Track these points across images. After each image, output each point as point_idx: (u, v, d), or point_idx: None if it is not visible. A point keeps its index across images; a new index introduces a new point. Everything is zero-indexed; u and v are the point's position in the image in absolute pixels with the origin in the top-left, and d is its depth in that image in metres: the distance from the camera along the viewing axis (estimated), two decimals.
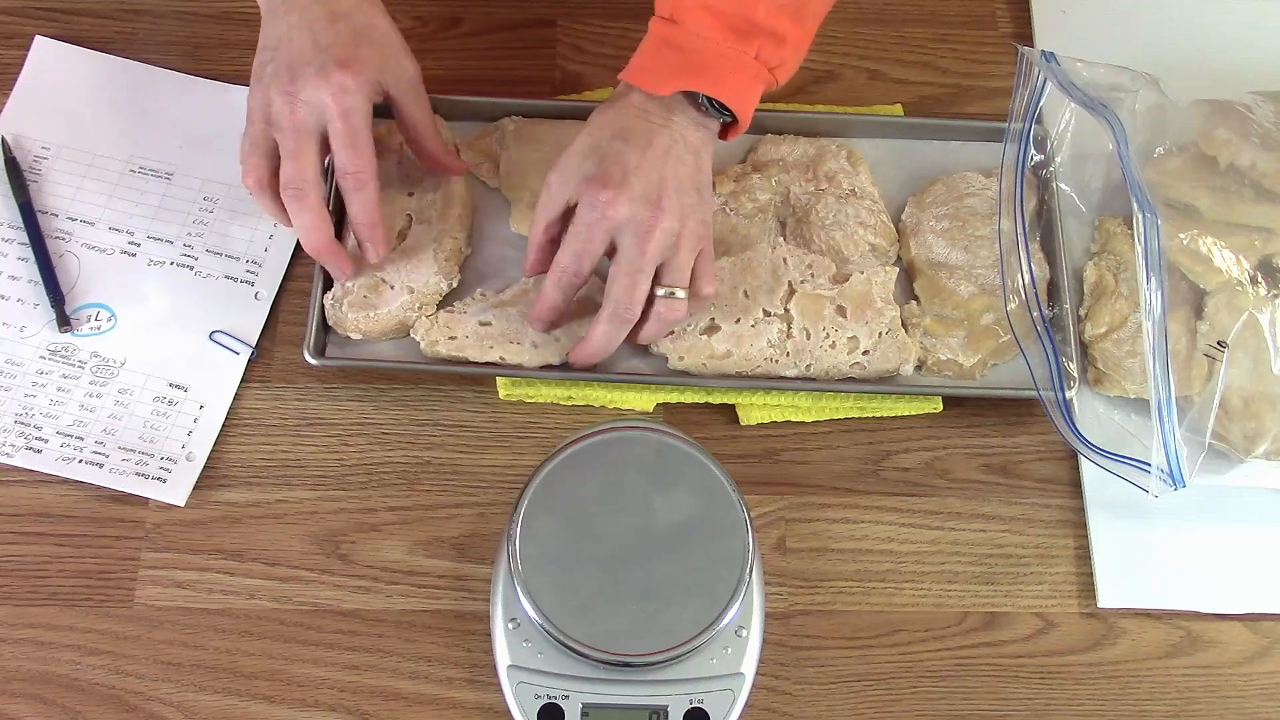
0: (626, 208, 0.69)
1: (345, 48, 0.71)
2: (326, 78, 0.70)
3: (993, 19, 0.95)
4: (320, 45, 0.71)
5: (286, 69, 0.71)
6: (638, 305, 0.72)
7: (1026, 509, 0.79)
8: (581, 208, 0.70)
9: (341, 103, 0.71)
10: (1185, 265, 0.79)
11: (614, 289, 0.71)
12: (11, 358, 0.79)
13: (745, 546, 0.67)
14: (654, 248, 0.70)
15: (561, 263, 0.72)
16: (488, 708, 0.72)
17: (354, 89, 0.71)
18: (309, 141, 0.72)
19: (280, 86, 0.71)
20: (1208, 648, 0.75)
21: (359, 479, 0.78)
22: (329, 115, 0.71)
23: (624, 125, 0.71)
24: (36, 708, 0.71)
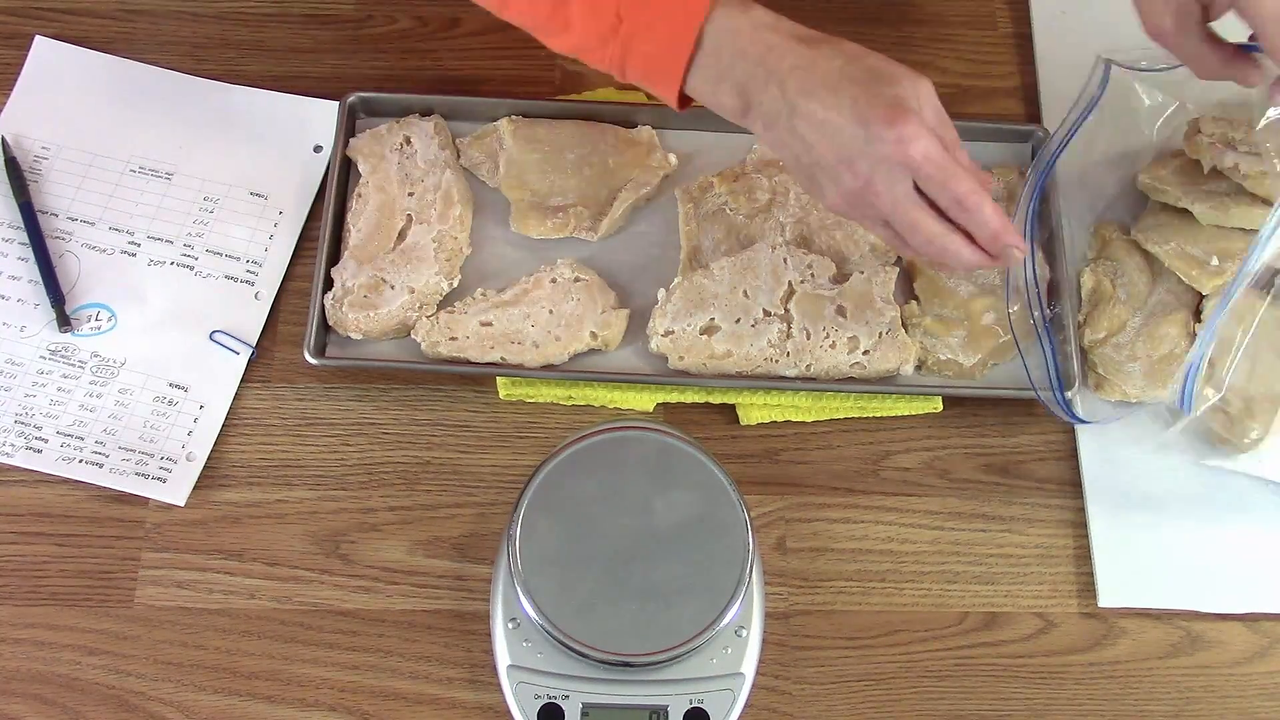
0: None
1: (880, 105, 0.64)
2: (878, 150, 0.64)
3: (993, 19, 0.95)
4: (860, 115, 0.65)
5: (843, 165, 0.66)
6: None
7: (1026, 509, 0.79)
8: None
9: (909, 156, 0.64)
10: (1181, 269, 0.79)
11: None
12: (11, 358, 0.79)
13: (745, 546, 0.67)
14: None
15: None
16: (488, 708, 0.72)
17: (911, 135, 0.64)
18: (912, 204, 0.66)
19: (841, 172, 0.66)
20: (1208, 648, 0.75)
21: (359, 479, 0.78)
22: (910, 170, 0.65)
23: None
24: (36, 708, 0.71)
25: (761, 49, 0.66)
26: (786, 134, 0.67)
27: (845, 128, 0.65)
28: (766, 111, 0.67)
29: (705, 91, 0.69)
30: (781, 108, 0.66)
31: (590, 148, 0.85)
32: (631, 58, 0.69)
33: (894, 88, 0.64)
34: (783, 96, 0.66)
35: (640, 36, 0.68)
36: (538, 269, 0.81)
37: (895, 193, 0.66)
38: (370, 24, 0.92)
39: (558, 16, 0.69)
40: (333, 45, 0.91)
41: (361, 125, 0.86)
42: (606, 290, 0.80)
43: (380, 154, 0.84)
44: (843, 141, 0.65)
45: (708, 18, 0.66)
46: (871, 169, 0.65)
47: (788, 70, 0.66)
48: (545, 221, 0.82)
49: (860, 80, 0.65)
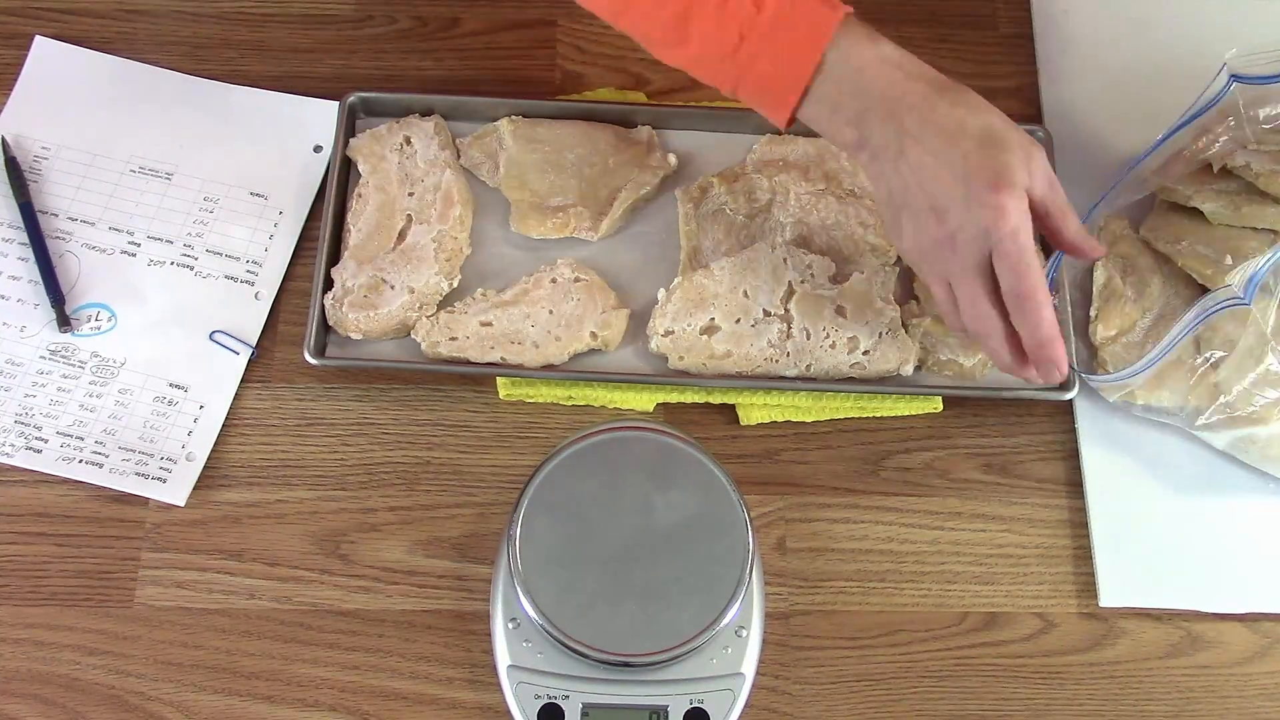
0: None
1: (989, 168, 0.64)
2: (972, 213, 0.65)
3: (993, 19, 0.95)
4: (966, 172, 0.65)
5: (933, 214, 0.66)
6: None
7: (1026, 509, 0.79)
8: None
9: (999, 227, 0.64)
10: (1195, 269, 0.79)
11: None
12: (11, 358, 0.79)
13: (745, 546, 0.67)
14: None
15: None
16: (488, 708, 0.72)
17: (1010, 208, 0.64)
18: (980, 275, 0.67)
19: (928, 219, 0.67)
20: (1208, 648, 0.75)
21: (359, 479, 0.78)
22: (994, 241, 0.65)
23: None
24: (36, 708, 0.71)
25: (885, 85, 0.66)
26: (890, 169, 0.67)
27: (947, 178, 0.65)
28: (877, 145, 0.67)
29: (818, 118, 0.69)
30: (892, 144, 0.66)
31: (590, 148, 0.85)
32: (748, 77, 0.68)
33: (1008, 154, 0.65)
34: (897, 133, 0.66)
35: (762, 58, 0.67)
36: (538, 269, 0.81)
37: (970, 257, 0.66)
38: (370, 24, 0.92)
39: (677, 29, 0.68)
40: (333, 45, 0.91)
41: (361, 125, 0.86)
42: (606, 290, 0.80)
43: (380, 154, 0.84)
44: (941, 190, 0.65)
45: (832, 45, 0.66)
46: (959, 225, 0.66)
47: (907, 109, 0.66)
48: (545, 221, 0.82)
49: (976, 137, 0.65)
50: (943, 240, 0.67)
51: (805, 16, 0.66)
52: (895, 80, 0.66)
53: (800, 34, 0.67)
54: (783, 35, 0.67)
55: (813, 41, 0.66)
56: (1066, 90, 0.90)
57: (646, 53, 0.91)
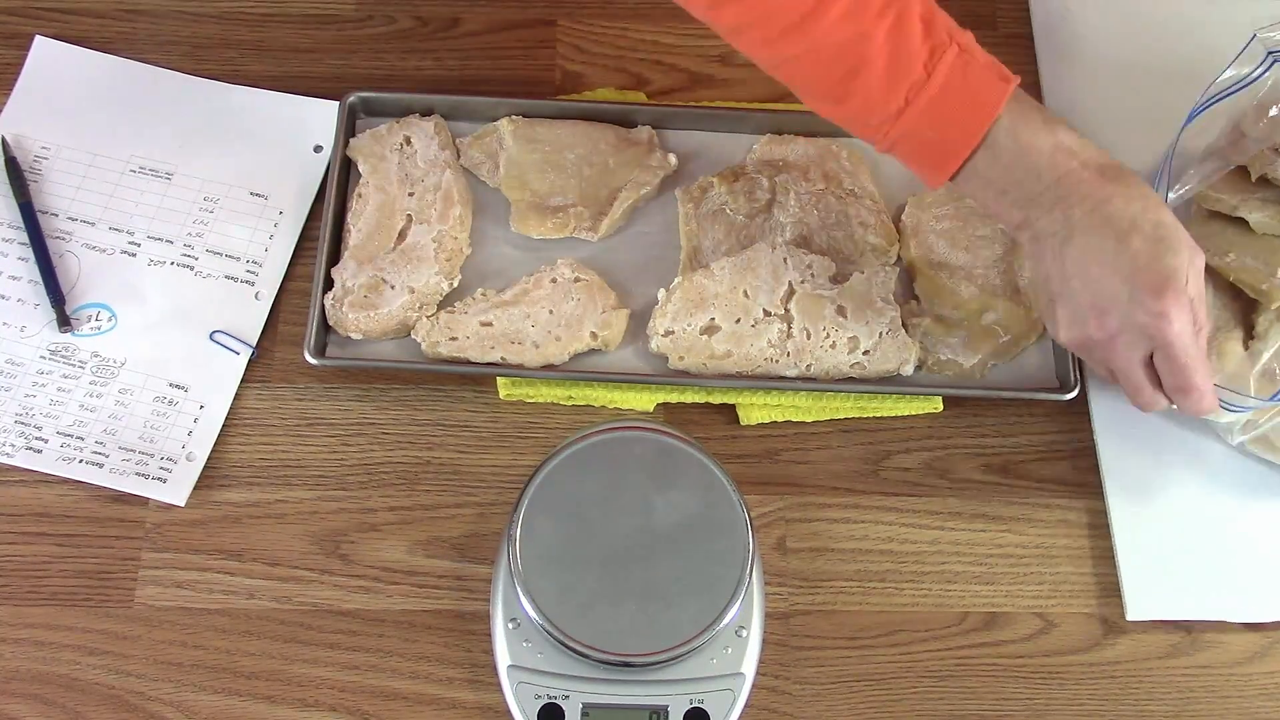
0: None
1: (1155, 272, 0.64)
2: (1137, 317, 0.65)
3: (993, 19, 0.95)
4: (1133, 276, 0.65)
5: (1094, 312, 0.67)
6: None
7: (1026, 509, 0.79)
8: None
9: (1163, 333, 0.65)
10: (1247, 284, 0.78)
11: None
12: (11, 358, 0.79)
13: (745, 546, 0.67)
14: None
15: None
16: (488, 708, 0.72)
17: (1174, 315, 0.64)
18: (1143, 370, 0.69)
19: (1089, 318, 0.67)
20: (1208, 648, 0.75)
21: (359, 479, 0.78)
22: (1158, 345, 0.66)
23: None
24: (36, 708, 0.71)
25: (1060, 173, 0.66)
26: (1051, 257, 0.67)
27: (1113, 280, 0.65)
28: (1041, 230, 0.67)
29: (981, 193, 0.69)
30: (1060, 231, 0.66)
31: (590, 148, 0.85)
32: (907, 141, 0.68)
33: (1176, 258, 0.64)
34: (1065, 223, 0.66)
35: (925, 125, 0.66)
36: (538, 269, 0.81)
37: (1133, 357, 0.67)
38: (370, 24, 0.92)
39: (840, 88, 0.67)
40: (333, 45, 0.91)
41: (361, 125, 0.86)
42: (606, 290, 0.80)
43: (380, 154, 0.84)
44: (1105, 292, 0.65)
45: (1004, 127, 0.66)
46: (1121, 328, 0.66)
47: (1078, 200, 0.66)
48: (545, 221, 0.82)
49: (1146, 236, 0.64)
50: (1103, 340, 0.67)
51: (976, 88, 0.65)
52: (1070, 169, 0.66)
53: (968, 106, 0.66)
54: (950, 104, 0.66)
55: (981, 115, 0.66)
56: (1069, 90, 0.90)
57: (647, 53, 0.92)
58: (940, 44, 0.65)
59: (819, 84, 0.68)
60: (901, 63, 0.65)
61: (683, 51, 0.91)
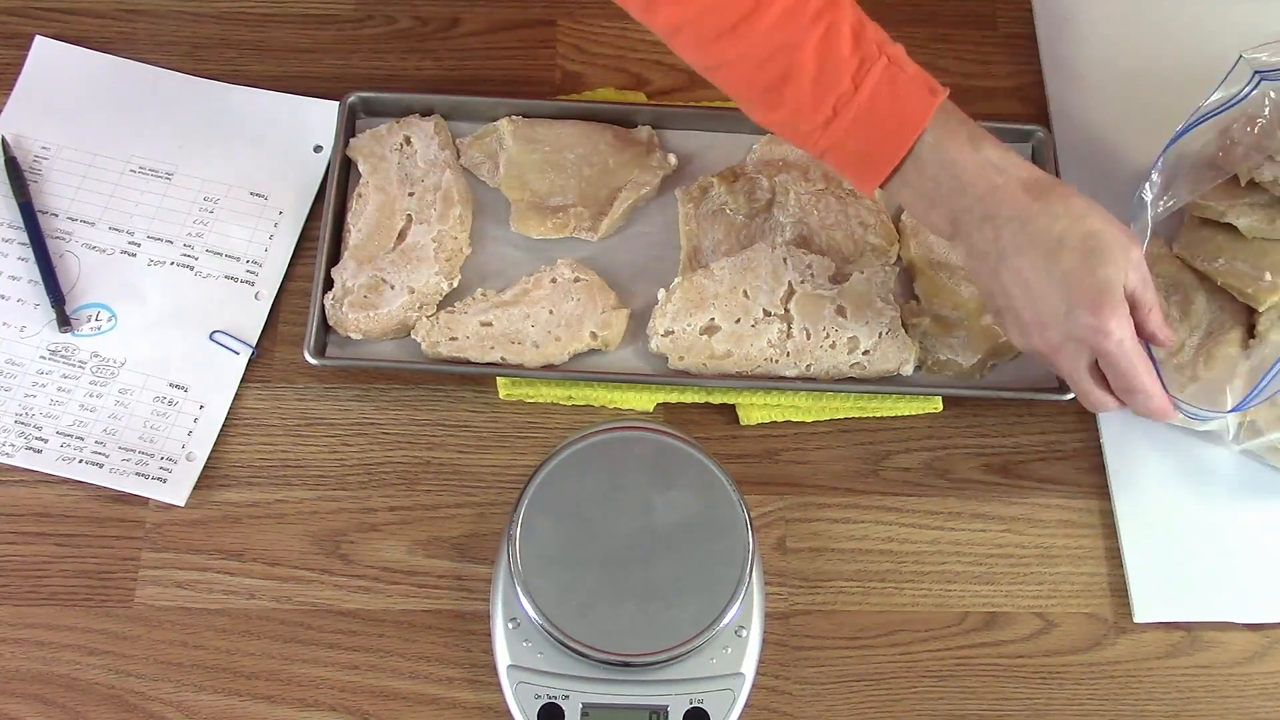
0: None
1: (1090, 287, 0.65)
2: (1074, 331, 0.66)
3: (993, 19, 0.95)
4: (1067, 293, 0.66)
5: (1035, 326, 0.68)
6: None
7: (1026, 509, 0.79)
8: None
9: (1102, 346, 0.66)
10: (1235, 288, 0.78)
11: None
12: (11, 358, 0.79)
13: (745, 546, 0.67)
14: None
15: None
16: (488, 708, 0.72)
17: (1111, 329, 0.65)
18: (1089, 377, 0.69)
19: (1032, 331, 0.68)
20: (1208, 648, 0.75)
21: (359, 479, 0.78)
22: (1099, 355, 0.68)
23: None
24: (36, 708, 0.71)
25: (985, 188, 0.66)
26: (988, 276, 0.68)
27: (1049, 297, 0.66)
28: (974, 247, 0.68)
29: (911, 203, 0.70)
30: (991, 250, 0.67)
31: (590, 148, 0.85)
32: (836, 151, 0.69)
33: (1108, 268, 0.65)
34: (996, 241, 0.66)
35: (853, 136, 0.67)
36: (538, 269, 0.81)
37: (1078, 366, 0.68)
38: (370, 24, 0.92)
39: (772, 94, 0.68)
40: (333, 45, 0.91)
41: (361, 125, 0.86)
42: (606, 290, 0.80)
43: (380, 154, 0.84)
44: (1043, 308, 0.66)
45: (929, 142, 0.66)
46: (1062, 341, 0.67)
47: (1005, 219, 0.66)
48: (545, 221, 0.82)
49: (1077, 250, 0.65)
50: (1046, 352, 0.69)
51: (902, 101, 0.66)
52: (996, 185, 0.66)
53: (894, 120, 0.67)
54: (877, 117, 0.67)
55: (906, 130, 0.66)
56: (1072, 91, 0.90)
57: (647, 53, 0.92)
58: (869, 56, 0.66)
59: (751, 89, 0.69)
60: (829, 73, 0.66)
61: None
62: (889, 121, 0.67)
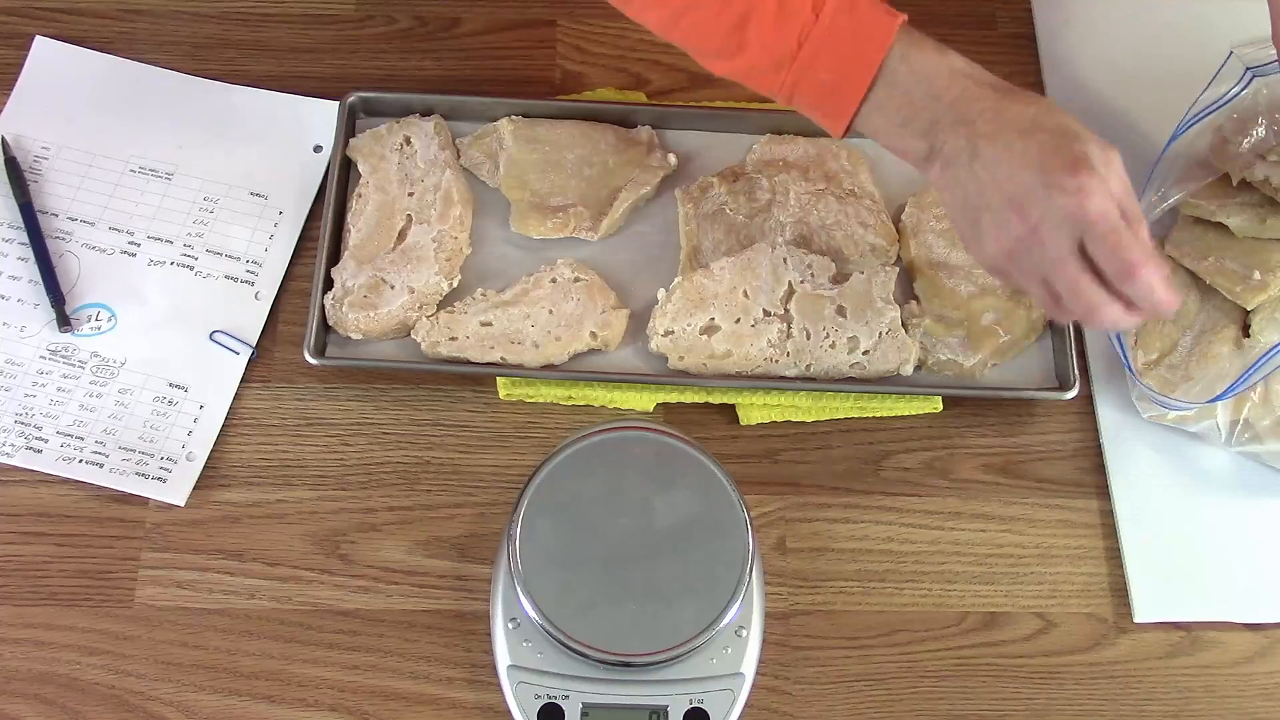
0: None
1: (1064, 155, 0.63)
2: (1053, 199, 0.63)
3: (993, 19, 0.95)
4: (1042, 162, 0.63)
5: (1012, 208, 0.64)
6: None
7: (1026, 509, 0.79)
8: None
9: (1084, 209, 0.62)
10: (1224, 286, 0.78)
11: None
12: (11, 358, 0.79)
13: (745, 546, 0.67)
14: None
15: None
16: (488, 708, 0.72)
17: (1091, 189, 0.62)
18: (1075, 263, 0.64)
19: (1009, 216, 0.64)
20: (1208, 648, 0.75)
21: (359, 479, 0.78)
22: (1083, 226, 0.63)
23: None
24: (36, 708, 0.71)
25: (957, 92, 0.66)
26: (964, 174, 0.66)
27: (1023, 171, 0.64)
28: (948, 153, 0.66)
29: (882, 129, 0.68)
30: (964, 147, 0.65)
31: (590, 148, 0.85)
32: (805, 85, 0.67)
33: (1084, 145, 0.63)
34: (969, 137, 0.65)
35: (820, 64, 0.66)
36: (538, 269, 0.81)
37: (1061, 247, 0.64)
38: (370, 24, 0.92)
39: (734, 37, 0.67)
40: (333, 45, 0.91)
41: (361, 125, 0.86)
42: (606, 290, 0.80)
43: (380, 154, 0.84)
44: (1018, 184, 0.64)
45: (897, 55, 0.66)
46: (1042, 216, 0.63)
47: (978, 113, 0.65)
48: (545, 221, 0.82)
49: (1050, 130, 0.64)
50: (1027, 235, 0.64)
51: (865, 23, 0.66)
52: (966, 88, 0.66)
53: (860, 40, 0.66)
54: (841, 41, 0.66)
55: (872, 48, 0.66)
56: (1073, 91, 0.90)
57: (646, 53, 0.92)
58: None
59: (712, 38, 0.68)
60: (790, 6, 0.65)
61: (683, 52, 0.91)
62: (855, 43, 0.66)
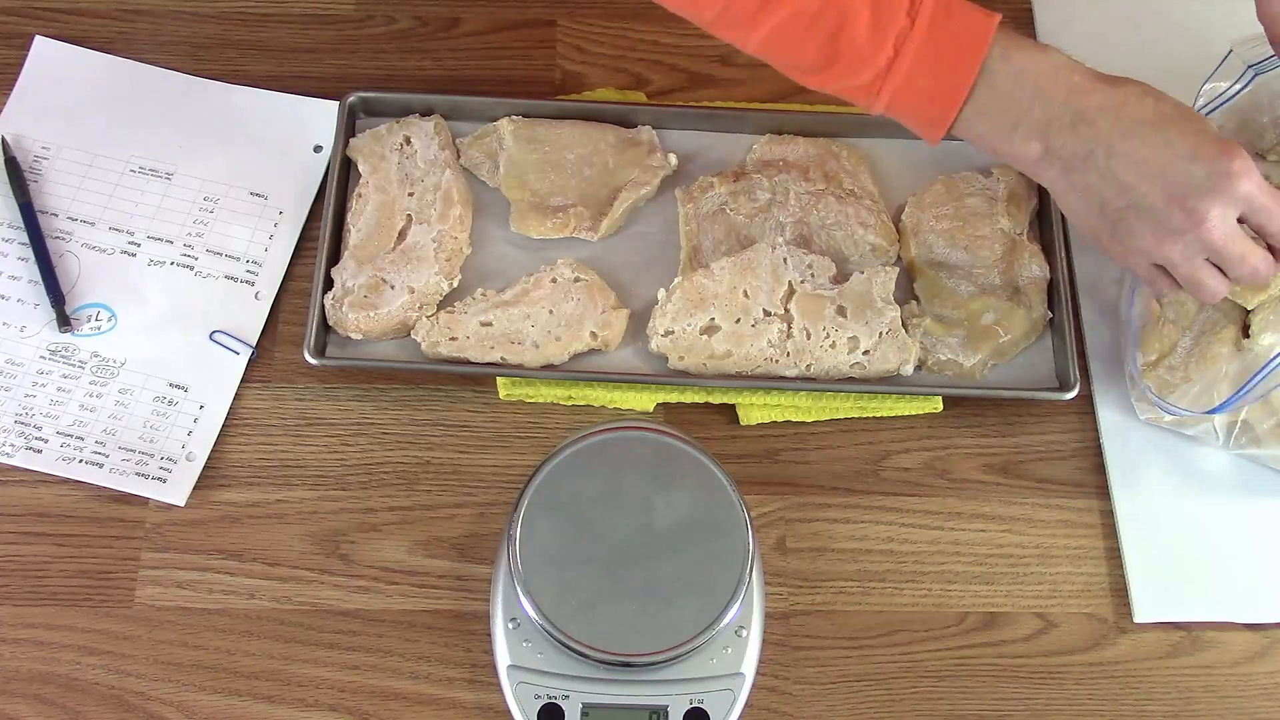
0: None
1: (1210, 140, 0.63)
2: (1216, 184, 0.63)
3: None
4: (1194, 152, 0.63)
5: (1174, 202, 0.64)
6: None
7: (1026, 509, 0.79)
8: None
9: (1248, 189, 0.64)
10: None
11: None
12: (11, 358, 0.79)
13: (745, 546, 0.67)
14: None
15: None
16: (488, 708, 0.72)
17: (1247, 168, 0.63)
18: (1243, 235, 0.66)
19: (1171, 212, 0.64)
20: (1208, 648, 0.75)
21: (359, 479, 0.78)
22: (1245, 202, 0.64)
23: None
24: (36, 708, 0.71)
25: (1066, 90, 0.65)
26: (1096, 177, 0.65)
27: (1176, 164, 0.63)
28: (1069, 155, 0.65)
29: (989, 133, 0.67)
30: (1095, 147, 0.64)
31: (590, 148, 0.85)
32: (903, 93, 0.66)
33: (1207, 123, 0.63)
34: (1096, 137, 0.64)
35: (918, 70, 0.65)
36: (538, 269, 0.81)
37: (1229, 227, 0.65)
38: (370, 24, 0.92)
39: (826, 51, 0.66)
40: (333, 45, 0.91)
41: (361, 125, 0.86)
42: (606, 290, 0.80)
43: (380, 154, 0.84)
44: (1174, 179, 0.63)
45: (997, 55, 0.64)
46: (1208, 205, 0.63)
47: (1097, 110, 0.64)
48: (545, 221, 0.82)
49: (1178, 119, 0.63)
50: (1194, 225, 0.64)
51: (962, 25, 0.65)
52: (1076, 84, 0.65)
53: (958, 43, 0.65)
54: (939, 45, 0.65)
55: (972, 50, 0.64)
56: None
57: (646, 53, 0.92)
58: None
59: (804, 51, 0.67)
60: (884, 13, 0.64)
61: (683, 51, 0.92)
62: (954, 47, 0.65)
